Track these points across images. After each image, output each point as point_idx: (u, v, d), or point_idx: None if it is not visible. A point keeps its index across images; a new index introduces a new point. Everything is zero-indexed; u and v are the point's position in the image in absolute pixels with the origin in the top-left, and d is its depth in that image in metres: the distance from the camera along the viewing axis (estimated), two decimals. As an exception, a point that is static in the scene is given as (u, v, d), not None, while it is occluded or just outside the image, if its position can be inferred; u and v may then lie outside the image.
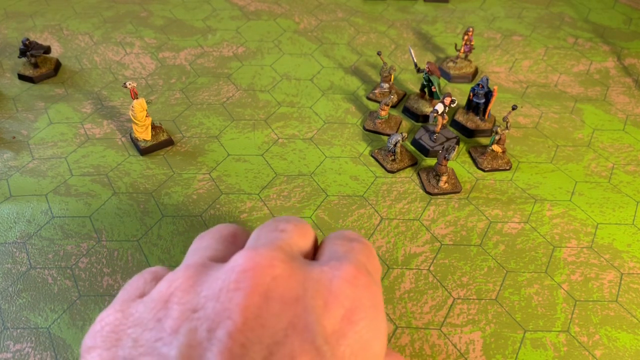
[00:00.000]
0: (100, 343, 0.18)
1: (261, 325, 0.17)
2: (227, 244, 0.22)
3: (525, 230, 0.50)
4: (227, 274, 0.18)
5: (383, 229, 0.49)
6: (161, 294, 0.18)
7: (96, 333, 0.19)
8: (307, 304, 0.17)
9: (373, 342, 0.18)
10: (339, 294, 0.18)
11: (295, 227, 0.22)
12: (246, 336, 0.16)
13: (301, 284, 0.18)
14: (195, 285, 0.18)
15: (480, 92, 0.59)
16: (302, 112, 0.63)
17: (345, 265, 0.19)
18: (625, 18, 0.83)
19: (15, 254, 0.46)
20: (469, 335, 0.41)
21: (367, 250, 0.22)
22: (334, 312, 0.18)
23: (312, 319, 0.17)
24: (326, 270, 0.19)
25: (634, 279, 0.46)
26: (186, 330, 0.17)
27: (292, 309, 0.17)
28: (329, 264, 0.20)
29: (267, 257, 0.18)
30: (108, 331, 0.18)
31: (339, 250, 0.21)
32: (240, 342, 0.16)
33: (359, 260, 0.21)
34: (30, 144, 0.57)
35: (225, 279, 0.17)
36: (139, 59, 0.71)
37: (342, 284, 0.18)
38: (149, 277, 0.22)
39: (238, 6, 0.83)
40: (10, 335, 0.40)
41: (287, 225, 0.22)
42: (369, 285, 0.19)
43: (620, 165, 0.57)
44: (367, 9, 0.83)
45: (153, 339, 0.17)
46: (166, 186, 0.53)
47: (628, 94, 0.68)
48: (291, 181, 0.54)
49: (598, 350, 0.41)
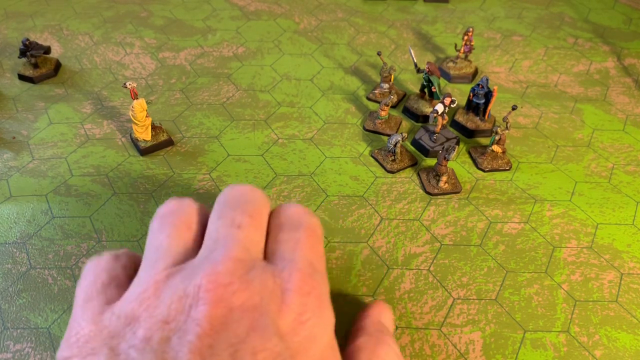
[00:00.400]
0: (76, 352, 0.20)
1: (226, 329, 0.19)
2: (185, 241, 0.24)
3: (525, 230, 0.50)
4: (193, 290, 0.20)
5: (383, 229, 0.49)
6: (133, 310, 0.20)
7: (72, 344, 0.20)
8: (264, 309, 0.20)
9: (321, 335, 0.22)
10: (290, 303, 0.21)
11: (252, 220, 0.24)
12: (213, 338, 0.19)
13: (258, 295, 0.21)
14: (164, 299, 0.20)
15: (480, 92, 0.59)
16: (302, 112, 0.63)
17: (293, 275, 0.22)
18: (625, 18, 0.83)
19: (15, 254, 0.46)
20: (469, 335, 0.41)
21: (312, 238, 0.25)
22: (286, 315, 0.21)
23: (268, 322, 0.20)
24: (278, 283, 0.22)
25: (634, 279, 0.46)
26: (159, 338, 0.19)
27: (252, 314, 0.20)
28: (281, 274, 0.22)
29: (225, 277, 0.20)
30: (83, 342, 0.20)
31: (286, 249, 0.24)
32: (208, 343, 0.19)
33: (305, 259, 0.23)
34: (30, 144, 0.57)
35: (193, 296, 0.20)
36: (139, 59, 0.71)
37: (292, 296, 0.21)
38: (106, 278, 0.23)
39: (238, 6, 0.83)
40: (10, 335, 0.40)
41: (244, 218, 0.24)
42: (314, 289, 0.22)
43: (620, 166, 0.57)
44: (367, 9, 0.83)
45: (127, 347, 0.19)
46: (166, 186, 0.53)
47: (628, 94, 0.68)
48: (291, 181, 0.54)
49: (598, 350, 0.41)
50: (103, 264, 0.24)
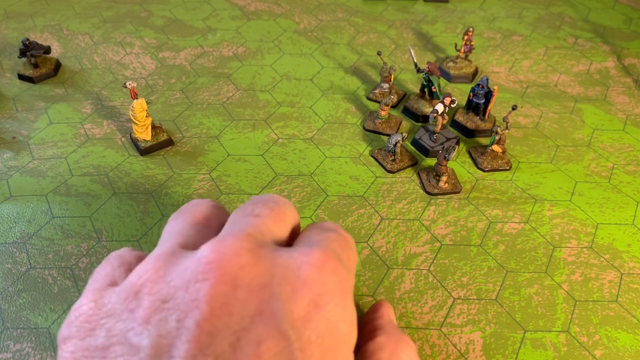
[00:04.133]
0: (75, 333, 0.18)
1: (228, 312, 0.17)
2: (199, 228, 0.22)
3: (525, 230, 0.50)
4: (195, 264, 0.18)
5: (383, 229, 0.49)
6: (132, 285, 0.19)
7: (71, 323, 0.19)
8: (274, 290, 0.18)
9: (340, 325, 0.19)
10: (307, 280, 0.18)
11: (272, 212, 0.22)
12: (213, 324, 0.17)
13: (268, 271, 0.18)
14: (165, 276, 0.18)
15: (480, 92, 0.59)
16: (302, 112, 0.63)
17: (314, 251, 0.19)
18: (625, 18, 0.83)
19: (15, 254, 0.46)
20: (469, 335, 0.41)
21: (343, 240, 0.23)
22: (301, 297, 0.18)
23: (278, 305, 0.17)
24: (295, 257, 0.19)
25: (634, 279, 0.46)
26: (156, 320, 0.17)
27: (259, 295, 0.17)
28: (299, 250, 0.20)
29: (233, 247, 0.18)
30: (82, 321, 0.19)
31: (313, 238, 0.22)
32: (207, 331, 0.16)
33: (330, 247, 0.21)
34: (30, 144, 0.57)
35: (194, 270, 0.18)
36: (139, 59, 0.71)
37: (310, 269, 0.19)
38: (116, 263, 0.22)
39: (238, 6, 0.83)
40: (10, 335, 0.40)
41: (263, 209, 0.22)
42: (337, 271, 0.19)
43: (620, 165, 0.57)
44: (367, 9, 0.83)
45: (125, 329, 0.17)
46: (166, 186, 0.53)
47: (628, 94, 0.68)
48: (291, 181, 0.54)
49: (598, 350, 0.41)
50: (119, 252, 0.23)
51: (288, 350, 0.17)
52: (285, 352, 0.17)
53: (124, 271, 0.21)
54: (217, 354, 0.16)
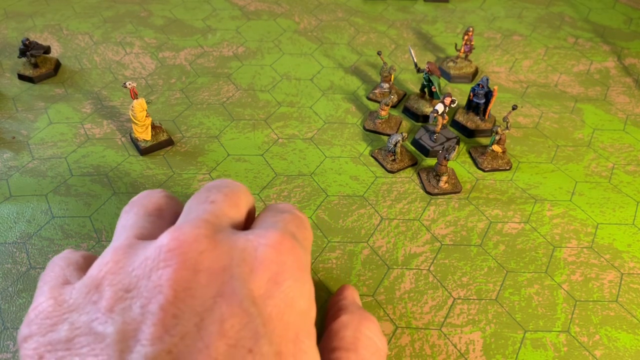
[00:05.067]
0: (36, 330, 0.19)
1: (191, 295, 0.18)
2: (153, 219, 0.23)
3: (525, 230, 0.50)
4: (155, 253, 0.18)
5: (383, 229, 0.49)
6: (93, 279, 0.19)
7: (31, 322, 0.19)
8: (234, 271, 0.18)
9: (298, 300, 0.20)
10: (264, 260, 0.19)
11: (226, 197, 0.23)
12: (177, 307, 0.17)
13: (227, 255, 0.19)
14: (125, 267, 0.19)
15: (480, 92, 0.59)
16: (302, 112, 0.63)
17: (271, 232, 0.20)
18: (625, 18, 0.83)
19: (15, 254, 0.46)
20: (469, 335, 0.41)
21: (298, 220, 0.24)
22: (260, 276, 0.19)
23: (238, 285, 0.18)
24: (251, 239, 0.20)
25: (634, 279, 0.46)
26: (120, 309, 0.18)
27: (220, 278, 0.18)
28: (255, 232, 0.21)
29: (192, 234, 0.19)
30: (42, 318, 0.19)
31: (268, 220, 0.22)
32: (172, 313, 0.17)
33: (286, 228, 0.22)
34: (30, 144, 0.57)
35: (155, 258, 0.18)
36: (139, 59, 0.71)
37: (266, 250, 0.20)
38: (64, 264, 0.22)
39: (238, 6, 0.83)
40: (10, 335, 0.40)
41: (218, 195, 0.23)
42: (293, 249, 0.20)
43: (621, 165, 0.57)
44: (367, 9, 0.83)
45: (89, 320, 0.18)
46: (166, 186, 0.53)
47: (628, 94, 0.68)
48: (291, 181, 0.54)
49: (598, 350, 0.41)
50: (62, 254, 0.23)
51: (251, 325, 0.18)
52: (248, 327, 0.17)
53: (74, 270, 0.22)
54: (183, 334, 0.17)
